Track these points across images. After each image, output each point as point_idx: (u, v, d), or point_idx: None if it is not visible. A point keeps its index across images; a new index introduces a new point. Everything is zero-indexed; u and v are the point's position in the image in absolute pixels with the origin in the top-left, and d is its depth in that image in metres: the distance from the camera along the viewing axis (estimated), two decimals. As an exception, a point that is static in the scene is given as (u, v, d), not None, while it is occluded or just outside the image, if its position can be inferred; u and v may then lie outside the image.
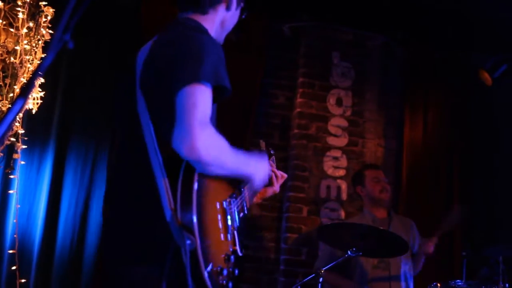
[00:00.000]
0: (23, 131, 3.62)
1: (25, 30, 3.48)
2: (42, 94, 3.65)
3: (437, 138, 5.20)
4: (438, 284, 3.65)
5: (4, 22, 3.48)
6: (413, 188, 5.02)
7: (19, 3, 3.47)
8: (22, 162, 3.80)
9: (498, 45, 4.97)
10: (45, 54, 1.43)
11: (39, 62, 3.53)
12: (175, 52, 1.82)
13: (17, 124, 3.56)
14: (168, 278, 1.76)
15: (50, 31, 3.59)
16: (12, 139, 3.57)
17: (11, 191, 3.82)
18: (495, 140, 5.21)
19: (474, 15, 4.68)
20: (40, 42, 3.58)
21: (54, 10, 3.58)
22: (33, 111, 3.63)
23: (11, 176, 3.74)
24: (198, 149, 1.66)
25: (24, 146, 3.65)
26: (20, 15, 3.46)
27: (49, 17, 3.59)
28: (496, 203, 5.11)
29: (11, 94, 3.47)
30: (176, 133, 1.69)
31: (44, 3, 3.56)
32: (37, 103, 3.63)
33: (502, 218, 5.03)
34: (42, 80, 3.62)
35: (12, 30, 3.48)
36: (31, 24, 3.52)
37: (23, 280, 3.65)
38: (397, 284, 3.93)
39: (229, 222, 1.95)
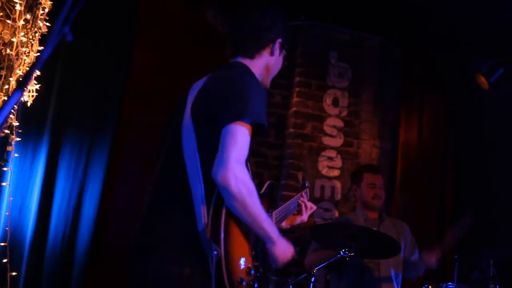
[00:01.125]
0: (17, 124, 3.60)
1: (22, 22, 3.45)
2: (37, 87, 3.63)
3: (432, 140, 5.22)
4: (430, 287, 3.65)
5: (1, 14, 3.46)
6: (407, 190, 5.04)
7: (17, -6, 3.44)
8: (16, 155, 3.78)
9: (495, 49, 4.98)
10: (44, 47, 1.41)
11: (35, 54, 3.51)
12: (225, 91, 2.09)
13: (11, 116, 3.54)
14: (193, 279, 1.99)
15: (47, 24, 3.57)
16: (6, 131, 3.55)
17: (4, 184, 3.79)
18: (490, 143, 5.23)
19: (471, 18, 4.69)
20: (37, 34, 3.55)
21: (51, 2, 3.56)
22: (28, 104, 3.61)
23: (4, 169, 3.71)
24: (229, 178, 1.92)
25: (18, 139, 3.63)
26: (18, 7, 3.44)
27: (46, 10, 3.56)
28: (490, 206, 5.13)
29: (6, 86, 3.45)
30: (216, 162, 1.95)
31: (41, -5, 3.54)
32: (32, 96, 3.61)
33: (496, 220, 5.05)
34: (38, 72, 3.60)
35: (9, 21, 3.45)
36: (28, 16, 3.49)
37: (14, 273, 3.63)
38: (388, 284, 3.93)
39: (254, 242, 2.20)
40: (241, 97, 2.03)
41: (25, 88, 1.37)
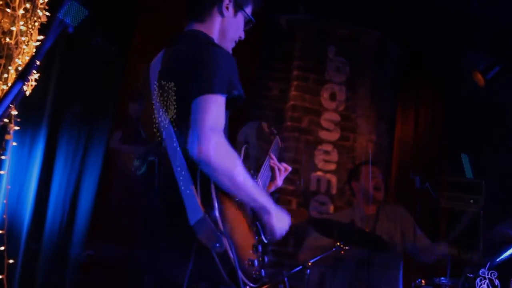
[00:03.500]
0: (16, 113, 3.61)
1: (21, 11, 3.47)
2: (36, 76, 3.64)
3: (428, 136, 5.24)
4: (423, 281, 3.67)
5: (1, 2, 3.46)
6: (402, 185, 5.06)
7: (17, -16, 3.45)
8: (14, 144, 3.79)
9: (493, 47, 5.00)
10: (45, 37, 1.43)
11: (35, 43, 3.52)
12: (191, 67, 1.90)
13: (10, 105, 3.55)
14: (193, 275, 1.80)
15: (47, 13, 3.58)
16: (5, 120, 3.56)
17: (2, 172, 3.81)
18: (485, 140, 5.25)
19: (469, 15, 4.70)
20: (36, 23, 3.56)
21: (51, -8, 3.57)
22: (27, 93, 3.62)
23: (3, 157, 3.72)
24: (206, 151, 1.73)
25: (16, 128, 3.64)
26: (17, -4, 3.45)
27: (46, -1, 3.57)
28: (487, 204, 5.15)
29: (6, 75, 3.46)
30: (189, 137, 1.78)
31: (41, -16, 3.55)
32: (31, 85, 3.62)
33: (490, 218, 5.07)
34: (37, 62, 3.60)
35: (8, 10, 3.46)
36: (28, 5, 3.50)
37: (11, 261, 3.66)
38: (383, 278, 3.95)
39: (250, 216, 2.01)
40: (209, 71, 1.86)
41: (26, 79, 1.39)
